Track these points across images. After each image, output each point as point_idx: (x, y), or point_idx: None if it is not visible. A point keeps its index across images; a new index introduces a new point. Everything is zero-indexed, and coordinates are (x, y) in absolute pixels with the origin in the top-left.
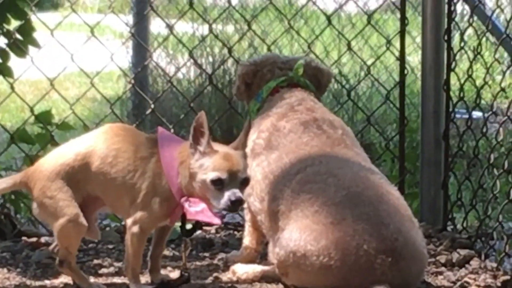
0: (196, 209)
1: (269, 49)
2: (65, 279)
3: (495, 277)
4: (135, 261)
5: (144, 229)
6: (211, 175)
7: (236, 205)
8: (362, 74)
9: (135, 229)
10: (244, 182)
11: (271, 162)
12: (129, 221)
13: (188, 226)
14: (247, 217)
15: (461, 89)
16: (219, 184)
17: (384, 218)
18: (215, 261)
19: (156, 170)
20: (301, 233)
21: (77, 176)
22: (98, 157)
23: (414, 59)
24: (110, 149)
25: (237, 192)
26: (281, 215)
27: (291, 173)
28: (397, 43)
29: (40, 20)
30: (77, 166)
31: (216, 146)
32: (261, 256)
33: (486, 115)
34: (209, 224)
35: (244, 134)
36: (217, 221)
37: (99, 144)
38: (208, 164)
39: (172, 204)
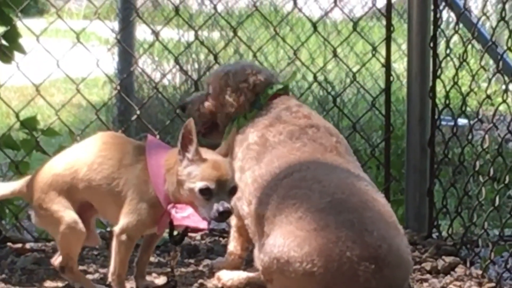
0: (182, 215)
1: (254, 56)
2: (50, 285)
3: (480, 284)
4: (121, 268)
5: (132, 237)
6: (199, 184)
7: (224, 216)
8: (348, 81)
9: (123, 237)
10: (232, 191)
11: (262, 166)
12: (116, 229)
13: (175, 233)
14: (233, 222)
15: (447, 96)
16: (207, 194)
17: (368, 225)
18: (200, 268)
19: (142, 177)
20: (285, 239)
21: (67, 185)
22: (85, 164)
23: (399, 66)
24: (96, 156)
25: (225, 203)
26: (266, 220)
27: (279, 177)
28: (382, 50)
29: (26, 26)
30: (67, 175)
31: (204, 153)
32: (246, 263)
33: (471, 122)
34: (196, 231)
35: (231, 140)
36: (204, 225)
37: (87, 152)
38: (197, 173)
39: (159, 211)
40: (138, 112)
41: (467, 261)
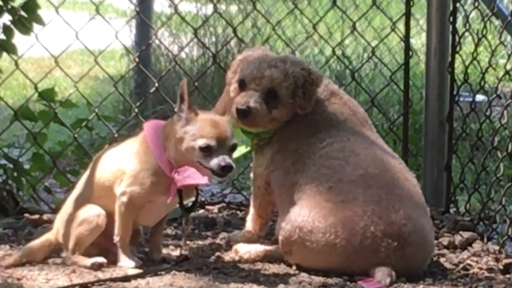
0: (184, 175)
1: (273, 29)
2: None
3: (497, 260)
4: (124, 231)
5: (133, 199)
6: (199, 142)
7: (225, 170)
8: (366, 55)
9: (124, 198)
10: (232, 148)
11: (306, 136)
12: (118, 191)
13: (187, 203)
14: (256, 202)
15: (465, 72)
16: (207, 151)
17: (396, 202)
18: (217, 241)
19: (143, 149)
20: (311, 210)
21: (87, 199)
22: (93, 167)
23: (416, 41)
24: (101, 155)
25: (226, 158)
26: (298, 188)
27: (318, 146)
28: (400, 25)
29: None
30: (86, 190)
31: (201, 113)
32: (263, 236)
33: (490, 98)
34: (208, 204)
35: (227, 99)
36: (204, 180)
37: (97, 170)
38: (194, 132)
39: (165, 181)
40: (156, 84)
41: (484, 236)
